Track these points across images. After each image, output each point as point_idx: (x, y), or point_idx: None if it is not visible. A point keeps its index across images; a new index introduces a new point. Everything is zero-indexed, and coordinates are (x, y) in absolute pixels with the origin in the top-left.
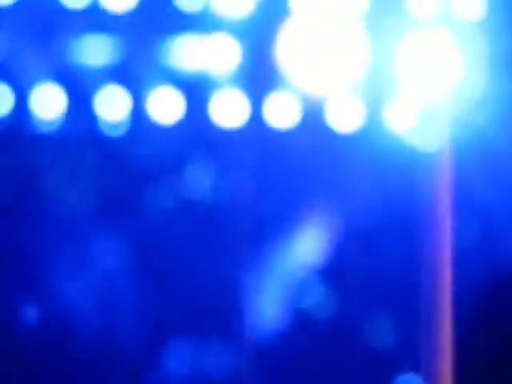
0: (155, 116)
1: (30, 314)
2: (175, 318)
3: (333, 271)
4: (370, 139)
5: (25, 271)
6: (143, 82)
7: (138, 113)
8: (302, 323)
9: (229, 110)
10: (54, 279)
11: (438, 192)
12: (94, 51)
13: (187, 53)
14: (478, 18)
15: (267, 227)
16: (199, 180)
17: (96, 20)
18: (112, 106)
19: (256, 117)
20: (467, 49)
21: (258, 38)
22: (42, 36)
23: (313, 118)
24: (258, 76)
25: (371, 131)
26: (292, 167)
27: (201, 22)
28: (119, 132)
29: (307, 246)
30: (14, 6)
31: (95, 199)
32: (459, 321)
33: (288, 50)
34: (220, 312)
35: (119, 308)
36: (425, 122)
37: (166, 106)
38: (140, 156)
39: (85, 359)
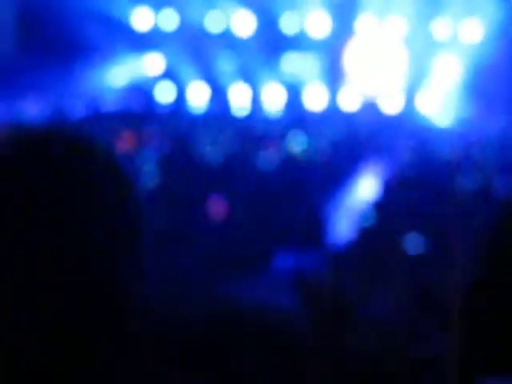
0: (267, 103)
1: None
2: (280, 233)
3: (384, 202)
4: (407, 118)
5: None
6: (259, 79)
7: (256, 101)
8: (362, 237)
9: (315, 99)
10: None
11: (450, 149)
12: (227, 61)
13: (287, 61)
14: (477, 40)
15: (340, 174)
16: (295, 145)
17: (229, 41)
18: (239, 96)
19: (332, 103)
20: (468, 61)
21: (333, 51)
22: (193, 51)
23: (369, 104)
24: (333, 77)
25: (408, 113)
26: (356, 136)
27: (296, 41)
28: (244, 113)
29: (367, 187)
30: (175, 31)
31: (225, 156)
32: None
33: (352, 59)
34: (311, 229)
35: (248, 225)
36: (442, 108)
37: (273, 97)
38: (256, 128)
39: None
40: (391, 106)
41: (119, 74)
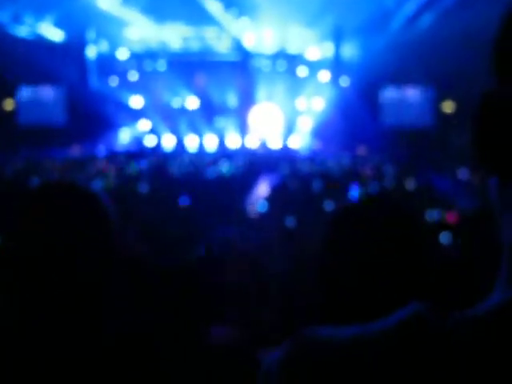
0: (207, 145)
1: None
2: (217, 213)
3: (272, 197)
4: (284, 151)
5: None
6: (202, 132)
7: (201, 144)
8: (260, 218)
9: (233, 142)
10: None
11: (307, 167)
12: (184, 122)
13: (217, 121)
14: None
15: (248, 182)
16: (223, 167)
17: (184, 112)
18: (191, 141)
19: (242, 144)
20: (316, 120)
21: (242, 115)
22: (165, 118)
23: (263, 144)
24: (242, 129)
25: (284, 148)
26: (256, 162)
27: (222, 110)
28: (195, 151)
29: (262, 189)
30: (155, 107)
31: (185, 173)
32: None
33: (253, 119)
34: (233, 211)
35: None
36: (302, 145)
37: (210, 141)
38: (202, 158)
39: None
40: (275, 144)
41: (126, 132)
